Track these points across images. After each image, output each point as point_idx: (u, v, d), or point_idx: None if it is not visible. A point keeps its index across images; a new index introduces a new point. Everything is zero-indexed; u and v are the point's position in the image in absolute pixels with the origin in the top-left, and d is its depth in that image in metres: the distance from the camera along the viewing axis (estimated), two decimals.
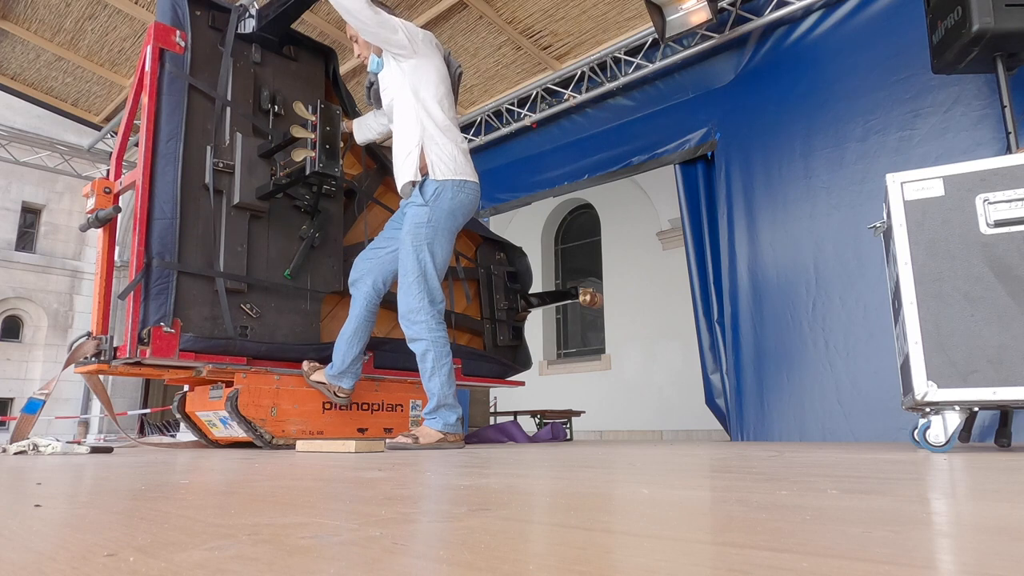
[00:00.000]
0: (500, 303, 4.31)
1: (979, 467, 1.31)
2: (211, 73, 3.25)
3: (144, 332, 2.90)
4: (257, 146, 3.27)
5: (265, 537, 0.54)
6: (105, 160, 6.46)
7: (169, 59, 3.10)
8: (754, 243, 4.06)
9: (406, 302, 2.72)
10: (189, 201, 3.08)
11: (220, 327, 3.09)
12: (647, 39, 4.77)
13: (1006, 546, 0.47)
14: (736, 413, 3.98)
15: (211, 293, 3.12)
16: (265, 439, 2.91)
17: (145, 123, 3.03)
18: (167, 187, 3.03)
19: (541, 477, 1.15)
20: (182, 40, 3.13)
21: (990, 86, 3.15)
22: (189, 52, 3.16)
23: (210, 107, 3.22)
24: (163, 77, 3.09)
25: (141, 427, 12.50)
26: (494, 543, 0.52)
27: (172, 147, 3.06)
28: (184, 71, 3.14)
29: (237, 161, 3.21)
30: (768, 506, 0.70)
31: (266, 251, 3.31)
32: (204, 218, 3.15)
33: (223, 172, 3.19)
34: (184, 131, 3.10)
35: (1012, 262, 1.81)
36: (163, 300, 2.95)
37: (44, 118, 7.08)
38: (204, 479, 1.20)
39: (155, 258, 2.95)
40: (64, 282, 14.61)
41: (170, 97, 3.09)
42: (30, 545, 0.53)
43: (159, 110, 3.06)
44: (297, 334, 3.36)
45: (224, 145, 3.22)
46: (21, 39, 5.00)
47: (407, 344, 2.78)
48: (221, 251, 3.15)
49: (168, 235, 3.00)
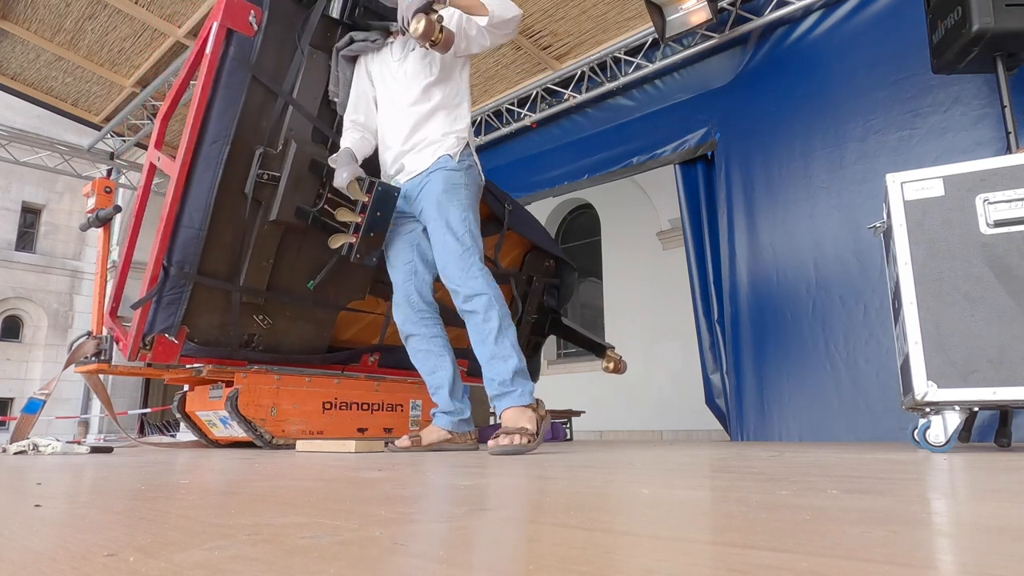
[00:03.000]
0: (530, 313, 4.04)
1: (979, 467, 1.31)
2: (280, 61, 2.80)
3: (148, 339, 2.90)
4: (310, 160, 2.83)
5: (265, 537, 0.54)
6: (105, 160, 6.45)
7: (236, 42, 2.64)
8: (754, 243, 4.06)
9: (455, 261, 2.31)
10: (222, 209, 2.78)
11: (226, 335, 3.06)
12: (647, 39, 4.77)
13: (1006, 546, 0.47)
14: (736, 413, 3.98)
15: (225, 303, 2.96)
16: (265, 439, 2.91)
17: (192, 117, 2.64)
18: (202, 194, 2.72)
19: (541, 477, 1.15)
20: (256, 21, 2.65)
21: (990, 86, 3.15)
22: (261, 34, 2.68)
23: (270, 102, 2.79)
24: (224, 65, 2.65)
25: (141, 427, 12.50)
26: (494, 543, 0.52)
27: (216, 150, 2.70)
28: (250, 59, 2.69)
29: (285, 173, 2.81)
30: (768, 506, 0.70)
31: (295, 260, 3.05)
32: (235, 228, 2.85)
33: (266, 184, 2.83)
34: (234, 132, 2.71)
35: (1012, 262, 1.81)
36: (174, 310, 2.84)
37: (44, 118, 7.08)
38: (204, 479, 1.20)
39: (174, 267, 2.75)
40: (64, 282, 14.61)
41: (227, 91, 2.68)
42: (30, 545, 0.53)
43: (211, 105, 2.67)
44: (305, 341, 3.29)
45: (275, 151, 2.82)
46: (21, 39, 5.00)
47: (458, 314, 2.36)
48: (245, 265, 2.93)
49: (192, 245, 2.77)
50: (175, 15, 4.73)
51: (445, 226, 2.36)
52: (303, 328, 3.26)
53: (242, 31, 2.63)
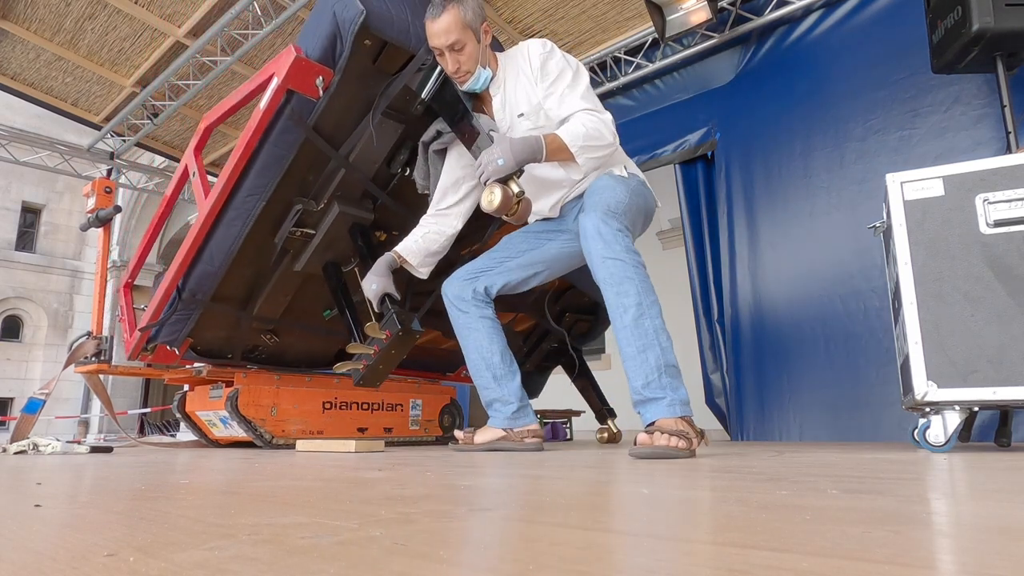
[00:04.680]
0: (548, 344, 3.88)
1: (979, 467, 1.31)
2: (344, 123, 2.49)
3: (151, 346, 2.91)
4: (351, 223, 2.63)
5: (265, 537, 0.54)
6: (105, 160, 6.45)
7: (296, 100, 2.36)
8: (754, 243, 4.06)
9: (605, 241, 1.87)
10: (247, 251, 2.66)
11: (231, 347, 3.05)
12: (647, 39, 4.77)
13: (1006, 546, 0.47)
14: (736, 413, 3.98)
15: (234, 322, 2.93)
16: (265, 439, 2.92)
17: (231, 166, 2.45)
18: (226, 241, 2.61)
19: (541, 477, 1.15)
20: (324, 84, 2.28)
21: (990, 86, 3.15)
22: (327, 96, 2.34)
23: (323, 160, 2.55)
24: (276, 124, 2.39)
25: (141, 427, 12.51)
26: (494, 543, 0.52)
27: (250, 204, 2.53)
28: (309, 120, 2.40)
29: (321, 232, 2.64)
30: (768, 506, 0.70)
31: (315, 292, 2.93)
32: (257, 266, 2.76)
33: (298, 239, 2.69)
34: (273, 189, 2.51)
35: (1012, 262, 1.81)
36: (180, 328, 2.83)
37: (44, 118, 7.08)
38: (204, 479, 1.20)
39: (186, 293, 2.71)
40: (64, 282, 14.61)
41: (275, 148, 2.44)
42: (30, 545, 0.53)
43: (253, 160, 2.46)
44: (310, 354, 3.30)
45: (315, 208, 2.61)
46: (21, 39, 5.00)
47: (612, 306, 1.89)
48: (262, 298, 2.87)
49: (208, 280, 2.70)
50: (175, 15, 4.72)
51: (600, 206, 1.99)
52: (309, 342, 3.25)
53: (306, 93, 2.30)
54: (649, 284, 1.86)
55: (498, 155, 1.86)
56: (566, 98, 2.03)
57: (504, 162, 1.85)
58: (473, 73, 2.10)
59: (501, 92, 2.17)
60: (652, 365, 1.77)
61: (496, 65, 2.18)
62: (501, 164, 1.86)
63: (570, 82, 2.04)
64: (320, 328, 3.05)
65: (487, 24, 2.13)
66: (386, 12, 2.25)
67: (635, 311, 1.81)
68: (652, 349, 1.79)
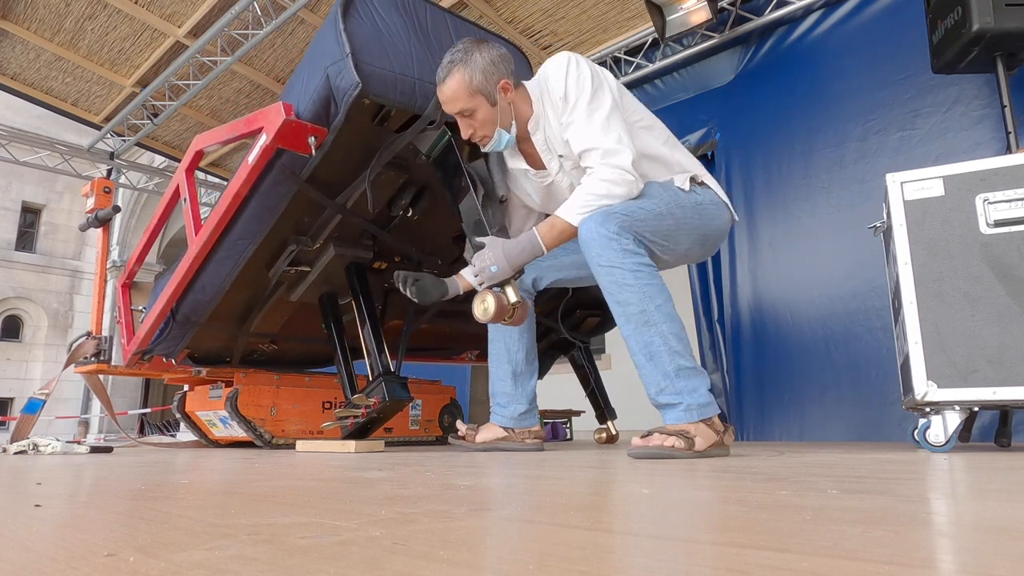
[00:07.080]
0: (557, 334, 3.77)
1: (979, 467, 1.31)
2: (342, 175, 2.35)
3: (147, 356, 2.93)
4: (347, 263, 2.58)
5: (265, 537, 0.54)
6: (105, 160, 6.45)
7: (286, 159, 2.23)
8: (754, 242, 4.06)
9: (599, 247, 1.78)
10: (240, 283, 2.61)
11: (228, 354, 3.06)
12: (647, 39, 4.77)
13: (1006, 546, 0.47)
14: (736, 413, 3.99)
15: (231, 335, 2.94)
16: (265, 439, 2.92)
17: (221, 211, 2.35)
18: (217, 278, 2.58)
19: (541, 477, 1.15)
20: (316, 142, 2.11)
21: (990, 86, 3.15)
22: (321, 152, 2.18)
23: (318, 208, 2.45)
24: (264, 178, 2.29)
25: (141, 427, 12.51)
26: (494, 543, 0.52)
27: (241, 247, 2.46)
28: (300, 174, 2.28)
29: (316, 269, 2.60)
30: (768, 506, 0.70)
31: (314, 308, 2.85)
32: (253, 291, 2.71)
33: (293, 275, 2.67)
34: (266, 233, 2.43)
35: (1012, 262, 1.81)
36: (175, 344, 2.85)
37: (44, 118, 7.09)
38: (204, 479, 1.20)
39: (180, 316, 2.71)
40: (64, 282, 14.62)
41: (265, 199, 2.33)
42: (30, 545, 0.53)
43: (243, 207, 2.36)
44: (311, 356, 3.30)
45: (310, 248, 2.54)
46: (21, 39, 5.00)
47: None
48: (258, 318, 2.86)
49: (201, 308, 2.69)
50: (175, 15, 4.72)
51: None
52: (309, 348, 3.25)
53: (297, 151, 2.13)
54: (653, 287, 1.77)
55: (491, 261, 1.78)
56: (582, 134, 1.81)
57: (498, 269, 1.77)
58: (491, 137, 1.93)
59: (541, 131, 1.96)
60: (662, 372, 1.71)
61: (528, 109, 1.95)
62: (495, 272, 1.77)
63: (586, 109, 1.81)
64: (319, 338, 3.01)
65: (506, 81, 1.90)
66: (388, 75, 2.05)
67: (638, 319, 1.74)
68: (660, 356, 1.72)
